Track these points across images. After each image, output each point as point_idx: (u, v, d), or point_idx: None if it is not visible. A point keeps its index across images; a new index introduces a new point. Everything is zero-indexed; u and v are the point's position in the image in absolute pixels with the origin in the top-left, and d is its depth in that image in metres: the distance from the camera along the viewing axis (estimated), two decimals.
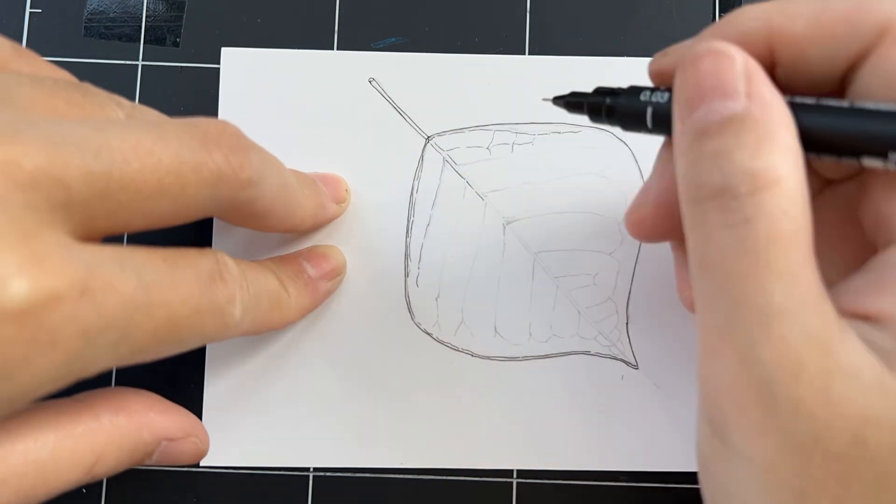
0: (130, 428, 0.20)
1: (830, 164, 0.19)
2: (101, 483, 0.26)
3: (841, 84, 0.18)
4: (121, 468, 0.20)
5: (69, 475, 0.19)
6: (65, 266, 0.15)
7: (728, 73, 0.16)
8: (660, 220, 0.20)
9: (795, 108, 0.17)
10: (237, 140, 0.19)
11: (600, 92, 0.20)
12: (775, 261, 0.15)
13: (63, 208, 0.15)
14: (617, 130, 0.27)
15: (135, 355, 0.17)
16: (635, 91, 0.20)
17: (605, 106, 0.20)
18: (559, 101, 0.22)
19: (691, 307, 0.21)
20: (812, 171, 0.20)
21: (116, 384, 0.26)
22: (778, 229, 0.15)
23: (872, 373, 0.14)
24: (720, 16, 0.28)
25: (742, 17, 0.18)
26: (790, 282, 0.15)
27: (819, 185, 0.20)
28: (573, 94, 0.21)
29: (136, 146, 0.16)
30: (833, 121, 0.16)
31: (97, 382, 0.21)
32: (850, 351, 0.15)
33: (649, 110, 0.19)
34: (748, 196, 0.15)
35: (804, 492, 0.15)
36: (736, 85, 0.16)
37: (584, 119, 0.28)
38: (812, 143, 0.16)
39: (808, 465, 0.14)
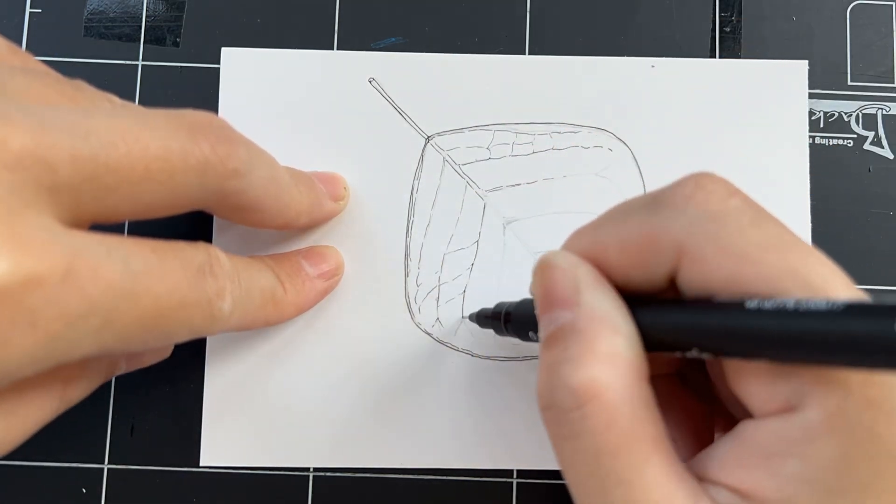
0: None
1: None
2: (101, 482, 0.26)
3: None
4: (92, 388, 0.21)
5: (42, 407, 0.19)
6: (47, 248, 0.15)
7: (559, 284, 0.18)
8: None
9: (636, 307, 0.17)
10: (223, 131, 0.19)
11: (500, 305, 0.23)
12: (610, 470, 0.16)
13: (49, 191, 0.15)
14: (616, 131, 0.27)
15: (119, 343, 0.17)
16: (527, 302, 0.22)
17: (503, 316, 0.23)
18: (472, 316, 0.26)
19: None
20: None
21: (117, 382, 0.26)
22: (604, 442, 0.16)
23: None
24: (720, 16, 0.28)
25: (570, 247, 0.19)
26: (626, 488, 0.16)
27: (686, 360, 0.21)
28: (481, 310, 0.25)
29: (124, 132, 0.16)
30: (661, 321, 0.17)
31: (99, 390, 0.22)
32: None
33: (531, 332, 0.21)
34: (572, 412, 0.16)
35: None
36: (566, 295, 0.17)
37: (583, 120, 0.28)
38: (651, 341, 0.17)
39: None
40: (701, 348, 0.16)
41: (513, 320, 0.22)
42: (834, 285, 0.15)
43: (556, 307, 0.18)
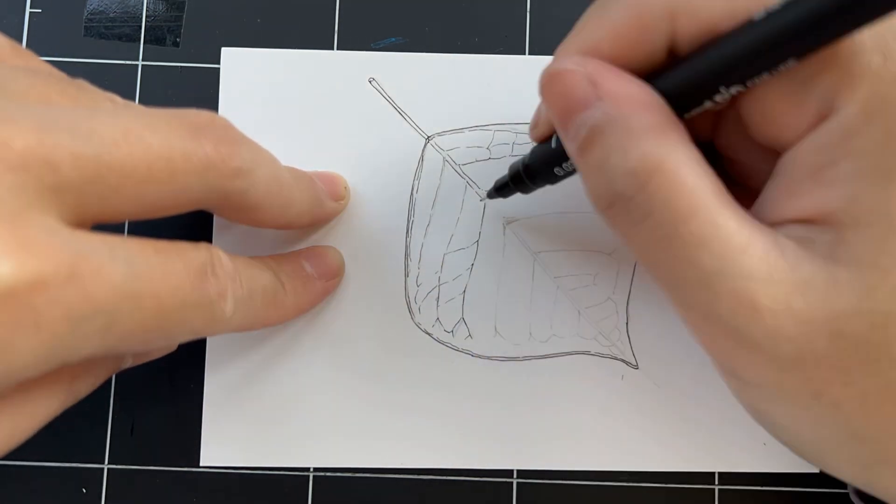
0: None
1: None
2: (101, 482, 0.26)
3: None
4: (99, 382, 0.21)
5: (49, 402, 0.19)
6: (51, 250, 0.15)
7: (574, 86, 0.17)
8: None
9: (652, 79, 0.17)
10: (226, 131, 0.19)
11: (514, 164, 0.23)
12: (688, 235, 0.16)
13: (52, 191, 0.15)
14: None
15: (122, 343, 0.17)
16: (536, 149, 0.22)
17: (522, 169, 0.23)
18: (490, 193, 0.25)
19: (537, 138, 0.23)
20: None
21: (116, 382, 0.26)
22: (677, 208, 0.16)
23: (822, 275, 0.16)
24: None
25: (562, 55, 0.19)
26: (710, 244, 0.16)
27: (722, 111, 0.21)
28: (497, 182, 0.25)
29: (126, 132, 0.16)
30: (680, 79, 0.17)
31: (98, 390, 0.22)
32: (795, 267, 0.16)
33: (554, 138, 0.21)
34: (638, 194, 0.16)
35: (816, 392, 0.16)
36: (585, 94, 0.17)
37: None
38: (679, 104, 0.17)
39: (805, 372, 0.16)
40: (727, 83, 0.16)
41: (533, 169, 0.22)
42: None
43: (579, 111, 0.17)
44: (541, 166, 0.22)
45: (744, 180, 0.21)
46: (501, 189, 0.25)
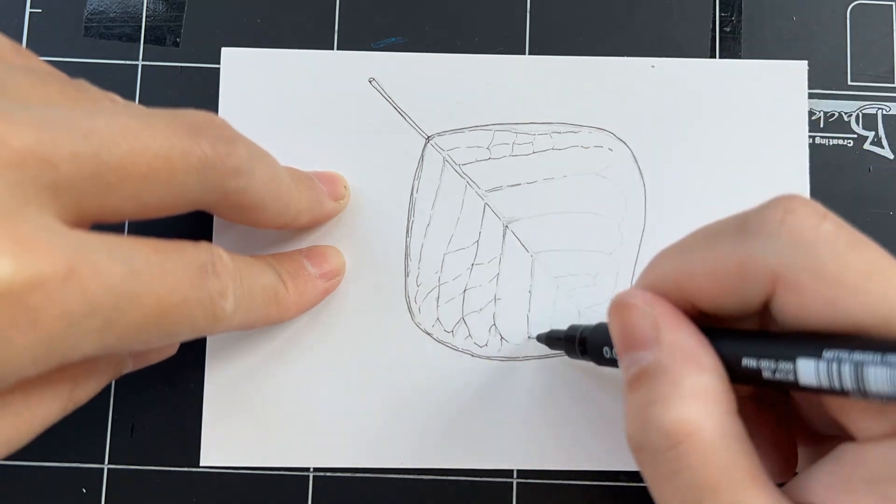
0: None
1: None
2: (101, 482, 0.26)
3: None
4: (100, 388, 0.21)
5: (49, 407, 0.19)
6: (49, 248, 0.15)
7: (638, 324, 0.18)
8: None
9: (717, 338, 0.17)
10: (223, 130, 0.19)
11: (574, 329, 0.23)
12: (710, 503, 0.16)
13: (51, 189, 0.15)
14: (616, 131, 0.27)
15: (121, 342, 0.16)
16: (603, 327, 0.21)
17: (577, 340, 0.23)
18: (541, 337, 0.26)
19: None
20: None
21: (116, 382, 0.26)
22: (703, 476, 0.16)
23: None
24: (720, 16, 0.28)
25: (655, 271, 0.19)
26: None
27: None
28: (551, 332, 0.25)
29: (124, 131, 0.16)
30: (746, 350, 0.17)
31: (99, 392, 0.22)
32: None
33: (606, 349, 0.21)
34: (668, 451, 0.16)
35: None
36: (646, 335, 0.17)
37: (583, 120, 0.28)
38: (739, 375, 0.17)
39: None
40: (796, 390, 0.16)
41: (590, 349, 0.22)
42: None
43: (636, 348, 0.18)
44: (595, 353, 0.22)
45: (800, 421, 0.20)
46: (551, 342, 0.25)
